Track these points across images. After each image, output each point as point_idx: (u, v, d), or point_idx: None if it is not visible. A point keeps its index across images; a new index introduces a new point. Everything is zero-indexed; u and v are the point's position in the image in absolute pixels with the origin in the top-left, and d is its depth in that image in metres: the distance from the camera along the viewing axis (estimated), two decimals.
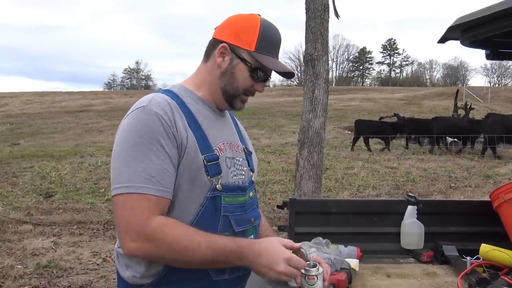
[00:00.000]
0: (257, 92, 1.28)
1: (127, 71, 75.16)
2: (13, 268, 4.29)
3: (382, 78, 75.32)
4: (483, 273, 1.69)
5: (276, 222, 5.66)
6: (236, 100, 1.24)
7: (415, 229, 2.01)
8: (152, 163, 1.06)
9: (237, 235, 1.18)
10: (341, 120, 19.31)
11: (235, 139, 1.31)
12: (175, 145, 1.10)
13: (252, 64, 1.20)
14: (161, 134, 1.08)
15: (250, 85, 1.23)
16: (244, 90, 1.23)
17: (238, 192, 1.22)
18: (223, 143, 1.23)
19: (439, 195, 7.77)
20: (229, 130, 1.31)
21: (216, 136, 1.21)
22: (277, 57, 1.25)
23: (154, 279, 1.13)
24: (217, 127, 1.24)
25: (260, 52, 1.19)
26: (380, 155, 12.09)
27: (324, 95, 5.52)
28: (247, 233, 1.23)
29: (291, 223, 2.03)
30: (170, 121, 1.10)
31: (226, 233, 1.15)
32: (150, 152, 1.06)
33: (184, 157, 1.11)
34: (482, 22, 1.78)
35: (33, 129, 17.88)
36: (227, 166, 1.20)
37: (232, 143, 1.27)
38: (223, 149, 1.21)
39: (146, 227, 1.04)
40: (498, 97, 29.30)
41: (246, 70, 1.20)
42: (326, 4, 5.59)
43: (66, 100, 30.54)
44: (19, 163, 10.18)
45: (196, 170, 1.12)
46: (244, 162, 1.30)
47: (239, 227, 1.19)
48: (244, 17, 1.23)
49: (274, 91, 39.33)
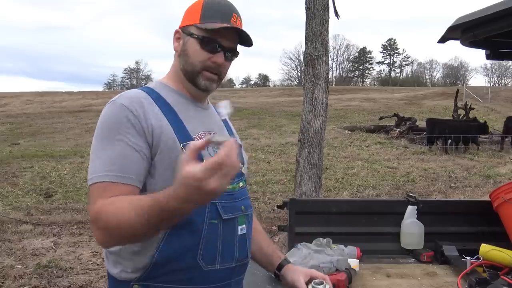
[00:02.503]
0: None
1: (127, 71, 75.29)
2: (13, 268, 4.29)
3: (382, 78, 75.36)
4: (483, 273, 1.69)
5: (276, 222, 5.66)
6: (198, 78, 1.20)
7: (415, 229, 2.01)
8: (113, 151, 1.08)
9: (226, 223, 1.16)
10: (341, 120, 19.29)
11: (220, 130, 1.29)
12: (142, 135, 1.10)
13: (199, 35, 1.17)
14: (125, 124, 1.10)
15: (206, 58, 1.18)
16: (202, 65, 1.18)
17: None
18: (204, 132, 1.21)
19: (439, 195, 7.77)
20: (212, 122, 1.28)
21: (195, 126, 1.20)
22: (229, 23, 1.17)
23: (141, 274, 1.13)
24: (197, 117, 1.23)
25: (205, 21, 1.17)
26: (380, 154, 12.10)
27: (324, 95, 5.52)
28: (237, 221, 1.21)
29: (291, 223, 2.03)
30: (137, 111, 1.11)
31: (214, 221, 1.14)
32: (115, 142, 1.09)
33: (161, 147, 1.11)
34: (482, 22, 1.79)
35: (33, 129, 17.88)
36: (210, 154, 1.16)
37: (215, 134, 1.23)
38: (203, 138, 1.16)
39: (91, 212, 1.05)
40: (498, 97, 29.28)
41: (195, 43, 1.18)
42: (326, 4, 5.59)
43: (66, 100, 30.55)
44: (19, 163, 10.18)
45: (176, 158, 1.08)
46: None
47: (227, 214, 1.17)
48: (192, 2, 1.26)
49: (274, 91, 39.33)
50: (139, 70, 74.55)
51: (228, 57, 1.21)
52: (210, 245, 1.13)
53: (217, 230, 1.14)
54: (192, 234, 1.11)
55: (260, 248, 1.40)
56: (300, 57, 61.10)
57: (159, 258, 1.11)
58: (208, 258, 1.14)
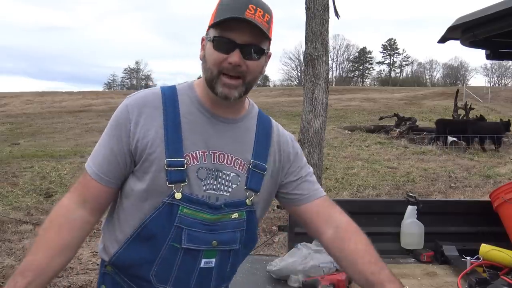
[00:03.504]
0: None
1: (127, 71, 75.27)
2: (13, 268, 4.28)
3: (382, 78, 75.33)
4: (483, 273, 1.69)
5: (276, 222, 5.66)
6: (216, 85, 1.07)
7: (415, 229, 2.01)
8: (105, 151, 1.14)
9: (186, 251, 1.10)
10: (341, 120, 19.28)
11: (233, 150, 1.14)
12: (127, 142, 1.11)
13: (211, 36, 1.06)
14: (120, 124, 1.12)
15: (221, 60, 1.05)
16: (218, 69, 1.06)
17: (203, 208, 1.09)
18: (204, 151, 1.11)
19: (439, 195, 7.76)
20: (228, 140, 1.15)
21: (196, 142, 1.11)
22: (242, 15, 1.02)
23: (109, 260, 1.17)
24: (204, 132, 1.12)
25: (217, 19, 1.05)
26: (380, 154, 12.09)
27: (324, 95, 5.53)
28: (201, 254, 1.11)
29: (291, 223, 2.03)
30: (133, 116, 1.11)
31: (176, 245, 1.09)
32: (107, 138, 1.14)
33: (144, 157, 1.09)
34: (482, 22, 1.79)
35: (33, 129, 17.87)
36: (198, 176, 1.09)
37: (224, 154, 1.13)
38: (198, 158, 1.10)
39: (67, 194, 1.17)
40: (498, 97, 29.27)
41: (210, 45, 1.07)
42: (326, 4, 5.60)
43: (66, 100, 30.54)
44: (19, 163, 10.17)
45: (155, 172, 1.07)
46: (236, 178, 1.13)
47: (189, 244, 1.09)
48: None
49: (274, 91, 39.32)
50: (139, 70, 74.57)
51: (249, 55, 1.05)
52: (165, 266, 1.11)
53: (177, 254, 1.10)
54: (151, 251, 1.10)
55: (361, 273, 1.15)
56: (300, 57, 61.09)
57: (117, 260, 1.15)
58: (160, 277, 1.12)
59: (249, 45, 1.05)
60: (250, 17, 1.02)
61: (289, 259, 1.72)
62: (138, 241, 1.12)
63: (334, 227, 1.20)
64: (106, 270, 1.20)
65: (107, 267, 1.19)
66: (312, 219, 1.23)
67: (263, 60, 1.11)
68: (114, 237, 1.16)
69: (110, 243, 1.17)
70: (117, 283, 1.18)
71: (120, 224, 1.15)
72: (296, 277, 1.66)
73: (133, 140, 1.10)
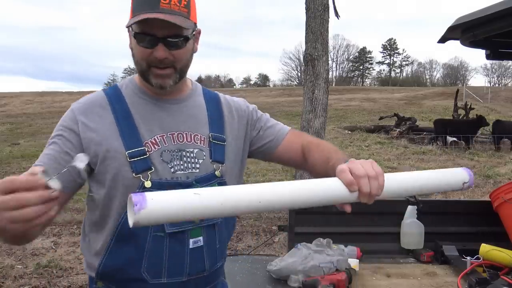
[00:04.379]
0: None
1: (127, 71, 75.28)
2: (13, 268, 4.29)
3: (382, 78, 75.36)
4: (483, 273, 1.69)
5: (276, 222, 5.66)
6: (149, 77, 1.08)
7: (415, 229, 2.01)
8: (48, 151, 1.09)
9: (173, 236, 1.09)
10: (341, 120, 19.28)
11: (189, 127, 1.16)
12: (77, 145, 1.08)
13: (132, 32, 1.06)
14: (65, 128, 1.10)
15: (147, 54, 1.05)
16: (147, 62, 1.06)
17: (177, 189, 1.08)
18: (162, 135, 1.12)
19: (439, 195, 7.76)
20: (180, 118, 1.16)
21: (152, 128, 1.11)
22: (157, 8, 1.01)
23: (96, 274, 1.14)
24: (156, 118, 1.13)
25: (134, 14, 1.04)
26: (380, 154, 12.09)
27: (324, 95, 5.53)
28: (187, 234, 1.11)
29: (291, 223, 2.03)
30: (79, 117, 1.10)
31: (160, 234, 1.07)
32: (51, 144, 1.10)
33: (100, 156, 1.08)
34: (482, 22, 1.79)
35: (33, 129, 17.87)
36: (163, 160, 1.09)
37: (182, 133, 1.14)
38: (158, 143, 1.11)
39: None
40: (498, 97, 29.27)
41: (134, 41, 1.06)
42: (326, 4, 5.60)
43: (66, 100, 30.53)
44: (19, 163, 10.17)
45: (120, 167, 1.06)
46: (201, 153, 1.14)
47: (172, 228, 1.08)
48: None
49: (274, 91, 39.32)
50: None
51: (174, 45, 1.05)
52: (154, 259, 1.09)
53: (163, 243, 1.09)
54: (136, 247, 1.09)
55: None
56: (300, 57, 61.15)
57: (104, 269, 1.12)
58: (153, 272, 1.10)
59: (170, 36, 1.04)
60: (165, 8, 1.01)
61: (289, 259, 1.72)
62: (120, 243, 1.10)
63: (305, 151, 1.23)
64: (97, 286, 1.17)
65: (98, 283, 1.16)
66: (290, 156, 1.26)
67: (191, 42, 1.10)
68: (94, 251, 1.14)
69: (92, 257, 1.15)
70: None
71: (97, 235, 1.14)
72: (296, 277, 1.66)
73: (84, 143, 1.08)
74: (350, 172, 0.89)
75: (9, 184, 0.76)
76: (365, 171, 0.89)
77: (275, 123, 1.32)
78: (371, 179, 0.89)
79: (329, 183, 0.89)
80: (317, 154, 1.16)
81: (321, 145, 1.20)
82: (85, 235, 1.19)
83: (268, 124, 1.30)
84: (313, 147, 1.20)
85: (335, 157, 1.07)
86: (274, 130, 1.29)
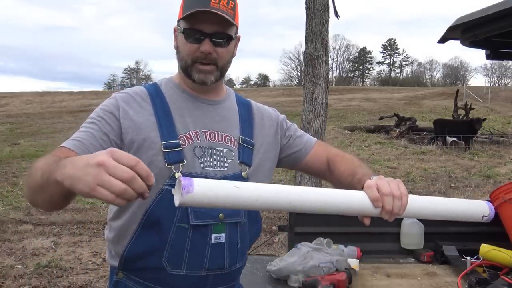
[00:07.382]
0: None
1: (127, 71, 75.32)
2: (13, 268, 4.29)
3: (382, 78, 75.37)
4: (483, 273, 1.69)
5: (276, 222, 5.66)
6: (192, 72, 1.15)
7: (415, 229, 2.01)
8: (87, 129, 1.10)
9: (196, 229, 1.12)
10: (341, 120, 19.27)
11: (222, 128, 1.21)
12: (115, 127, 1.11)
13: (182, 28, 1.14)
14: (106, 112, 1.13)
15: (193, 50, 1.13)
16: (192, 58, 1.14)
17: None
18: (196, 131, 1.16)
19: (439, 195, 7.77)
20: (215, 119, 1.21)
21: (187, 124, 1.17)
22: (208, 6, 1.09)
23: (119, 262, 1.16)
24: (192, 115, 1.19)
25: (185, 11, 1.12)
26: (380, 154, 12.09)
27: (324, 95, 5.53)
28: (211, 229, 1.13)
29: (291, 223, 2.03)
30: (121, 104, 1.15)
31: (184, 225, 1.10)
32: (88, 125, 1.12)
33: (137, 143, 1.11)
34: (482, 22, 1.79)
35: (33, 129, 17.87)
36: (195, 155, 1.14)
37: (215, 132, 1.19)
38: (192, 138, 1.15)
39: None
40: (498, 97, 29.27)
41: (182, 37, 1.14)
42: (326, 4, 5.60)
43: (66, 100, 30.56)
44: (19, 163, 10.18)
45: (153, 156, 1.10)
46: (230, 153, 1.19)
47: (197, 220, 1.11)
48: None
49: (274, 91, 39.33)
50: (139, 70, 74.63)
51: (218, 42, 1.13)
52: (176, 249, 1.12)
53: (185, 235, 1.11)
54: (159, 236, 1.11)
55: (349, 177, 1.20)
56: (300, 57, 61.16)
57: (128, 254, 1.14)
58: (174, 262, 1.13)
59: (217, 33, 1.12)
60: (215, 7, 1.09)
61: (289, 259, 1.72)
62: (146, 230, 1.12)
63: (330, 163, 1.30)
64: (117, 277, 1.18)
65: (119, 274, 1.18)
66: (316, 166, 1.33)
67: (232, 44, 1.18)
68: (119, 238, 1.16)
69: (117, 245, 1.17)
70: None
71: (123, 222, 1.16)
72: (296, 277, 1.66)
73: (123, 128, 1.12)
74: (377, 188, 0.96)
75: (133, 161, 0.77)
76: (391, 190, 0.96)
77: (303, 133, 1.40)
78: (395, 199, 0.96)
79: (356, 196, 0.96)
80: (343, 167, 1.24)
81: (346, 158, 1.28)
82: (111, 224, 1.21)
83: (298, 134, 1.37)
84: (338, 159, 1.28)
85: (361, 172, 1.15)
86: (303, 140, 1.36)
